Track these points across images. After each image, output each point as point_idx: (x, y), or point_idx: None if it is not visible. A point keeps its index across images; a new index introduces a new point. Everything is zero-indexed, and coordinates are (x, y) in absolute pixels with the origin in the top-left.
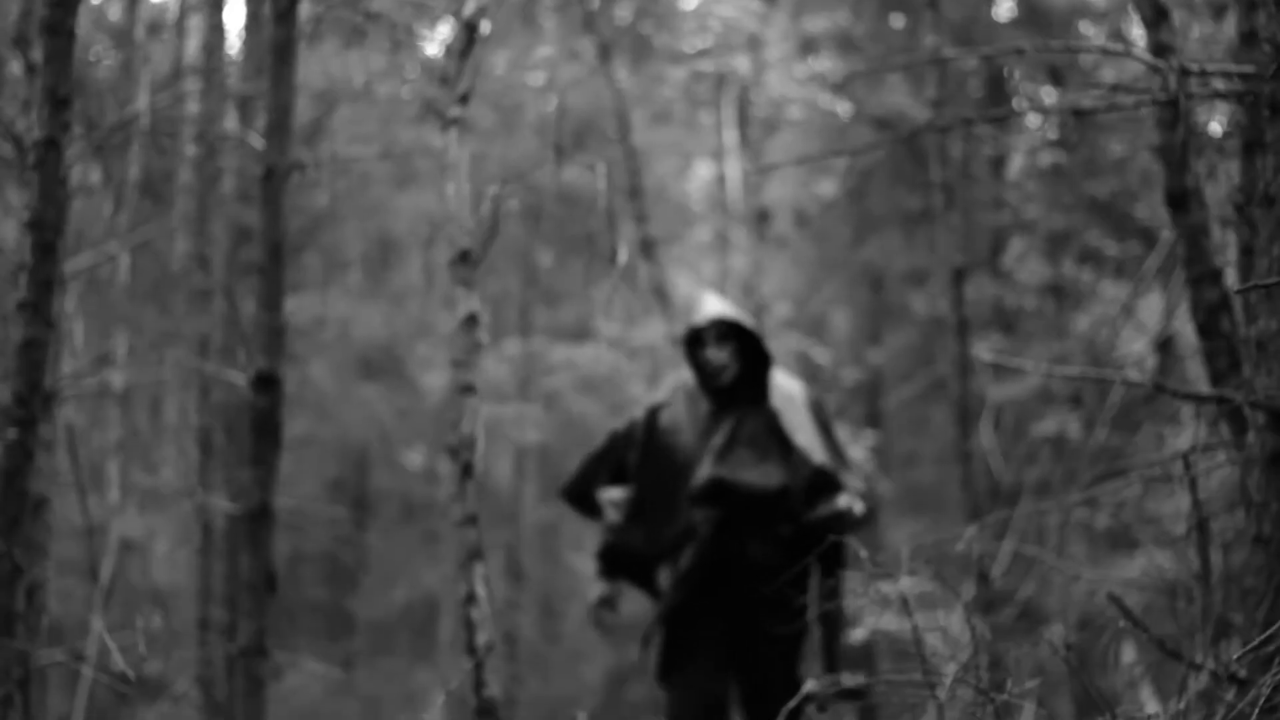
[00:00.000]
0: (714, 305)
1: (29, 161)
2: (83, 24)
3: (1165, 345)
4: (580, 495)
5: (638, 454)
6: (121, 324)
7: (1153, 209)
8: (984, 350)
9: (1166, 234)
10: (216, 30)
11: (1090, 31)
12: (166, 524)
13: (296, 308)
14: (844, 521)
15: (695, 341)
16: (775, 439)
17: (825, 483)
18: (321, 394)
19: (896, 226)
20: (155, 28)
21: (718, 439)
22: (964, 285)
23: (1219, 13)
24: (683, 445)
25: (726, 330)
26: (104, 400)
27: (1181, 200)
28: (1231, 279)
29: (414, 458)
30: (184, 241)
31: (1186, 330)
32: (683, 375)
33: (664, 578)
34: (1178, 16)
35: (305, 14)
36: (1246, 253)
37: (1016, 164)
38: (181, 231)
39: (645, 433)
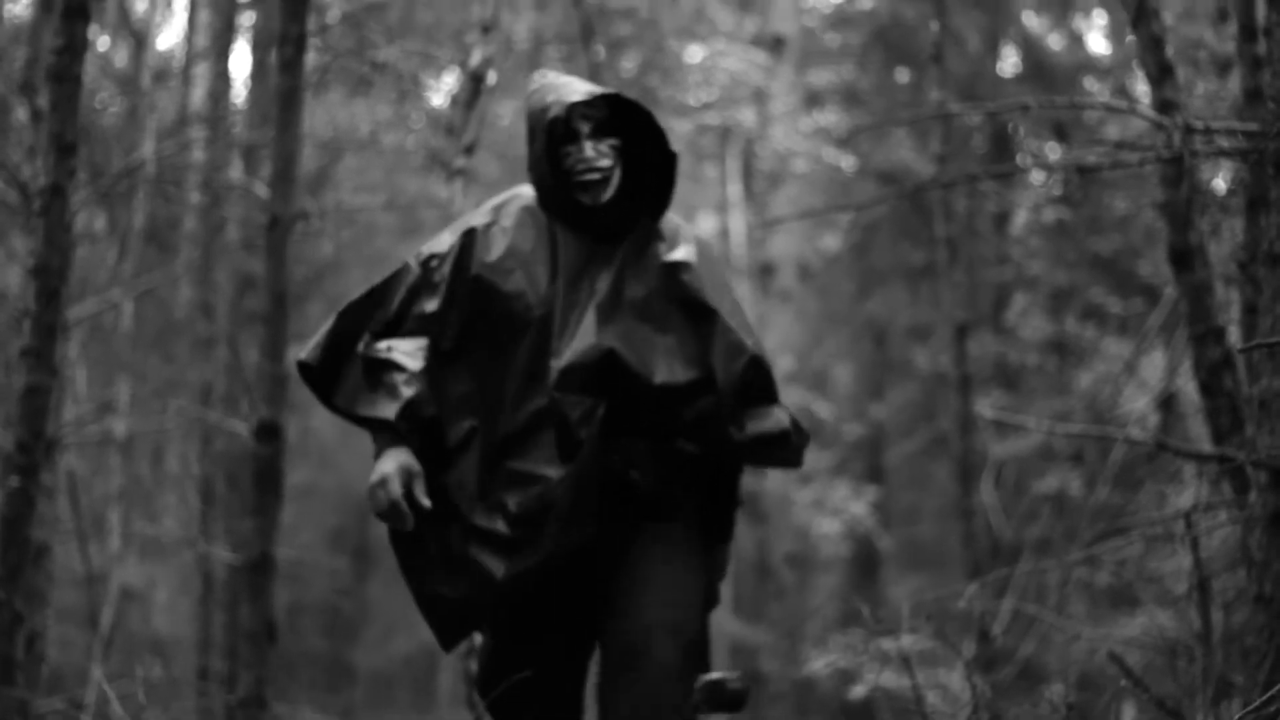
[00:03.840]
0: (587, 84)
1: (34, 208)
2: (89, 71)
3: (1168, 403)
4: (334, 364)
5: (440, 298)
6: (124, 371)
7: (1156, 266)
8: (986, 406)
9: (1170, 291)
10: (222, 78)
11: (1095, 87)
12: (167, 573)
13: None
14: (784, 447)
15: (559, 136)
16: (681, 306)
17: (759, 386)
18: (323, 443)
19: (900, 281)
20: (161, 75)
21: (594, 291)
22: (967, 341)
23: (1224, 70)
24: (526, 291)
25: (609, 116)
26: (106, 448)
27: (1185, 258)
28: (1235, 337)
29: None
30: (188, 289)
31: (1189, 388)
32: (517, 191)
33: (456, 490)
34: (1183, 73)
35: (312, 64)
36: (1250, 311)
37: (1020, 220)
38: (186, 279)
39: (455, 266)
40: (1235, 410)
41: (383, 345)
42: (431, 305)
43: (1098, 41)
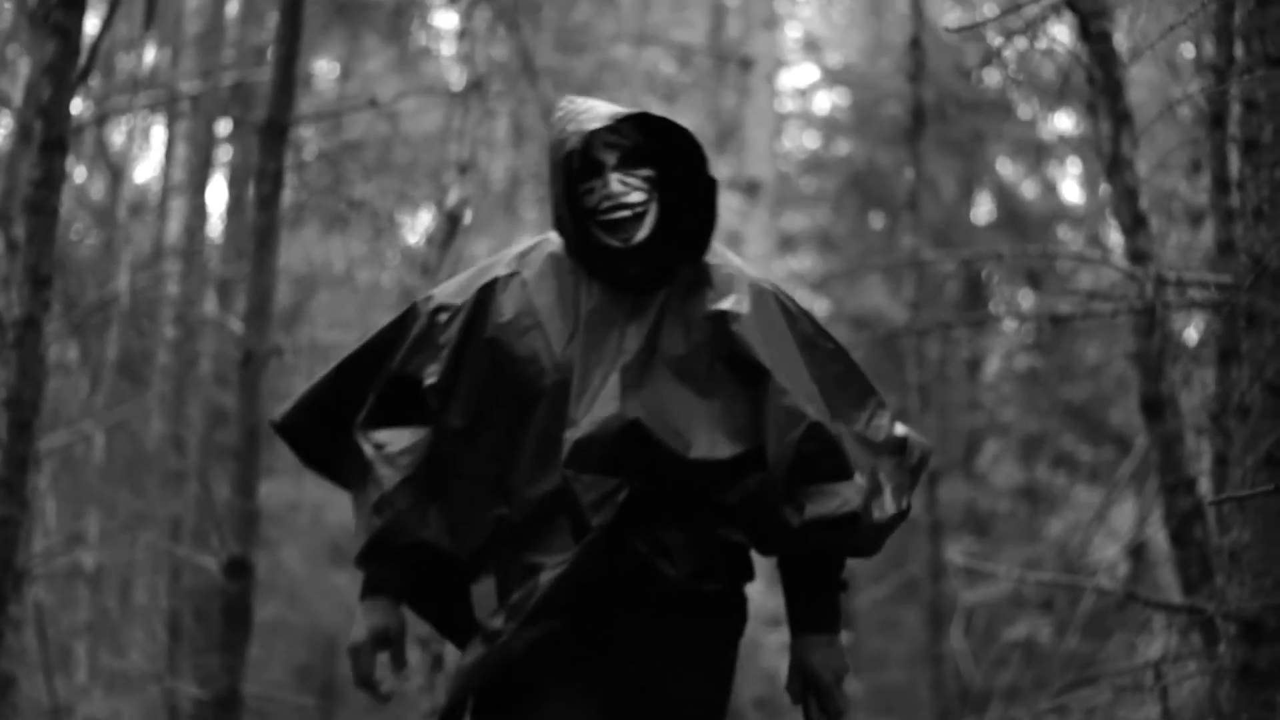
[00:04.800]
0: (613, 107)
1: (8, 340)
2: (65, 202)
3: (1138, 552)
4: (313, 434)
5: (445, 362)
6: (94, 504)
7: (1127, 415)
8: (956, 552)
9: (1141, 441)
10: (198, 212)
11: (1068, 236)
12: (133, 708)
13: (270, 493)
14: (851, 533)
15: (582, 170)
16: (729, 365)
17: (822, 459)
18: (293, 579)
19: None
20: (138, 208)
21: (622, 350)
22: (938, 487)
23: (1197, 221)
24: (539, 353)
25: (642, 143)
26: (74, 580)
27: (1156, 407)
28: (1205, 488)
29: None
30: (160, 423)
31: (1159, 538)
32: (547, 236)
33: (482, 600)
34: (1156, 223)
35: (288, 200)
36: (1221, 462)
37: (993, 367)
38: (157, 413)
39: (465, 328)
40: (1205, 561)
41: (375, 438)
42: (432, 375)
43: (1072, 190)
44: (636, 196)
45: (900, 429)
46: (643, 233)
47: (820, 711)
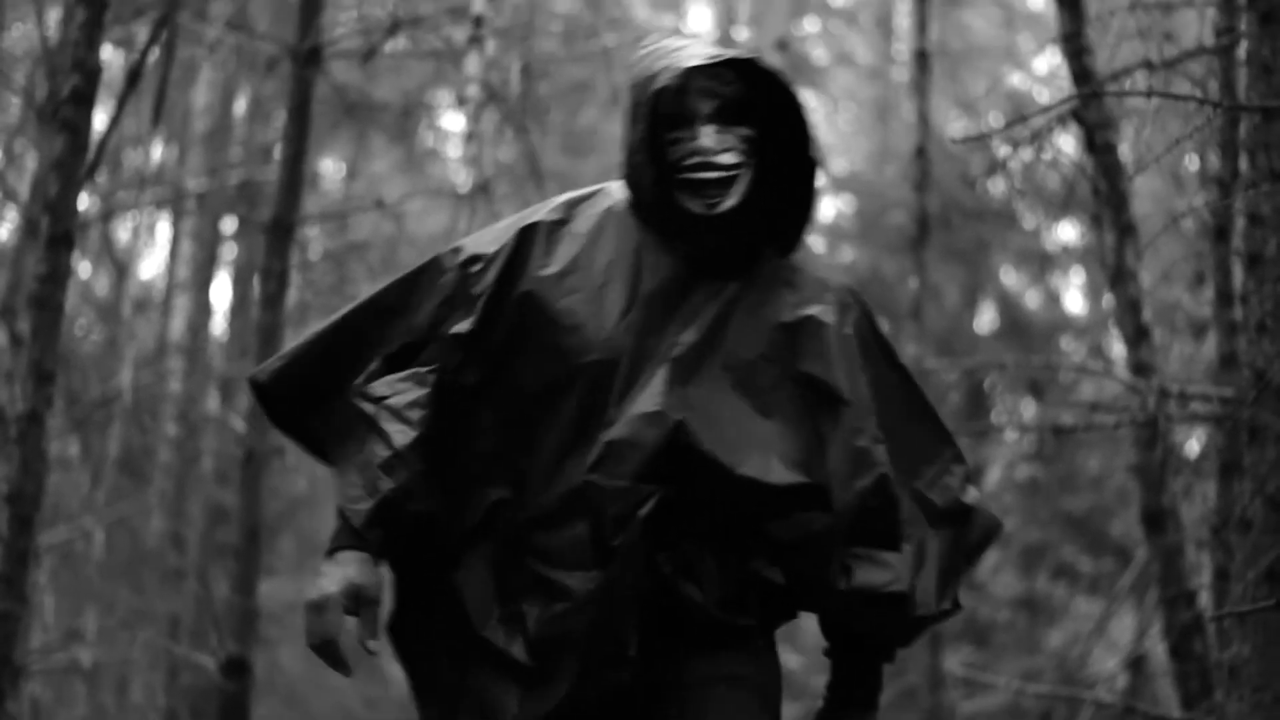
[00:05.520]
0: (714, 46)
1: (11, 434)
2: (70, 298)
3: (1137, 665)
4: (295, 397)
5: (479, 312)
6: (93, 600)
7: (1128, 527)
8: (956, 663)
9: (1141, 553)
10: (202, 310)
11: (1071, 346)
12: None
13: (269, 592)
14: (894, 616)
15: (667, 116)
16: (800, 384)
17: (880, 519)
18: (291, 680)
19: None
20: (142, 305)
21: (678, 341)
22: None
23: (1200, 334)
24: (585, 323)
25: (743, 95)
26: (71, 677)
27: (1157, 520)
28: (1206, 602)
29: None
30: (160, 520)
31: (1159, 651)
32: (605, 186)
33: (471, 595)
34: (1159, 335)
35: (293, 299)
36: (1222, 576)
37: (994, 476)
38: (158, 510)
39: (502, 274)
40: (1205, 676)
41: (375, 391)
42: (463, 325)
43: (1075, 300)
44: (730, 158)
45: (971, 494)
46: (731, 200)
47: None
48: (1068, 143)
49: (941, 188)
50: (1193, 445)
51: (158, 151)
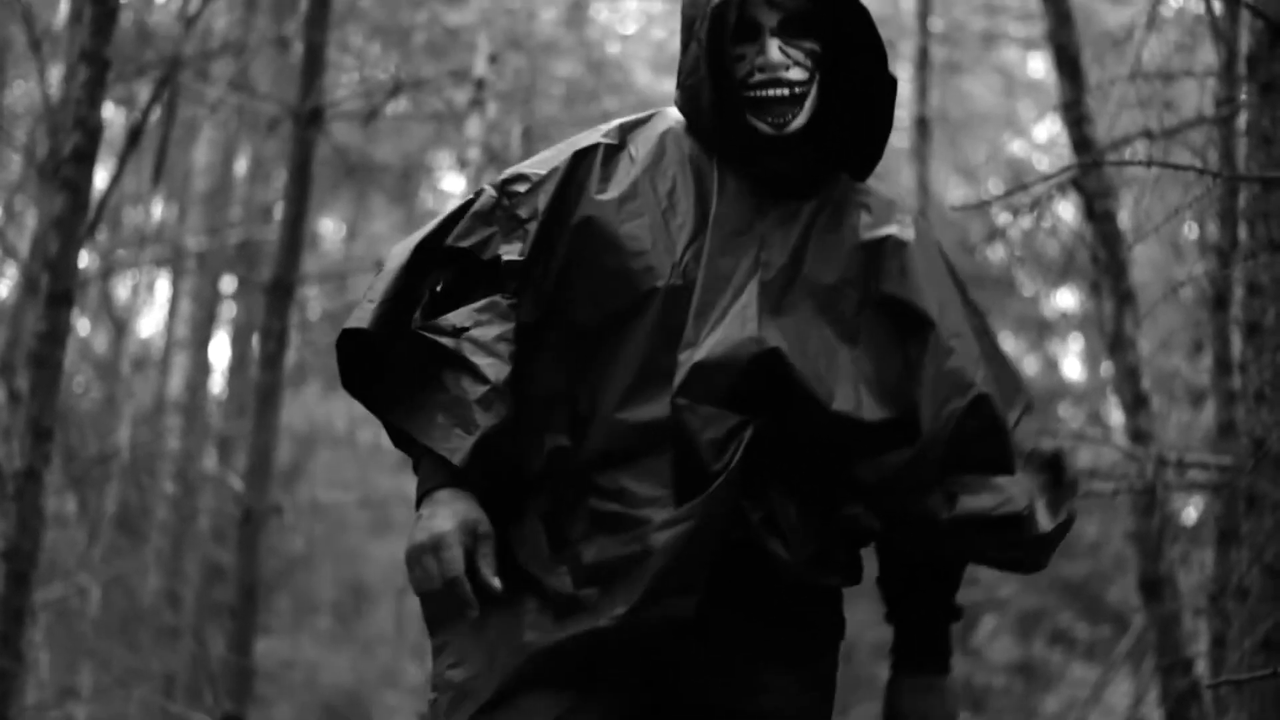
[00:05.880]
0: None
1: (8, 491)
2: (69, 355)
3: None
4: (392, 332)
5: (532, 239)
6: (88, 658)
7: (1125, 594)
8: None
9: (1138, 620)
10: (201, 368)
11: (1069, 413)
12: None
13: (265, 651)
14: (1011, 539)
15: (730, 30)
16: (884, 309)
17: (985, 442)
18: None
19: (866, 598)
20: (140, 363)
21: (759, 263)
22: None
23: (1198, 402)
24: (651, 248)
25: (808, 8)
26: None
27: (1155, 587)
28: (1202, 670)
29: None
30: (156, 578)
31: (1155, 718)
32: (661, 110)
33: (525, 546)
34: (1157, 403)
35: (291, 359)
36: (1219, 644)
37: None
38: (154, 568)
39: (556, 199)
40: None
41: (450, 324)
42: (513, 252)
43: (1073, 367)
44: (798, 74)
45: (1049, 443)
46: (800, 119)
47: None
48: (1067, 210)
49: None
50: (1190, 513)
51: (158, 210)
